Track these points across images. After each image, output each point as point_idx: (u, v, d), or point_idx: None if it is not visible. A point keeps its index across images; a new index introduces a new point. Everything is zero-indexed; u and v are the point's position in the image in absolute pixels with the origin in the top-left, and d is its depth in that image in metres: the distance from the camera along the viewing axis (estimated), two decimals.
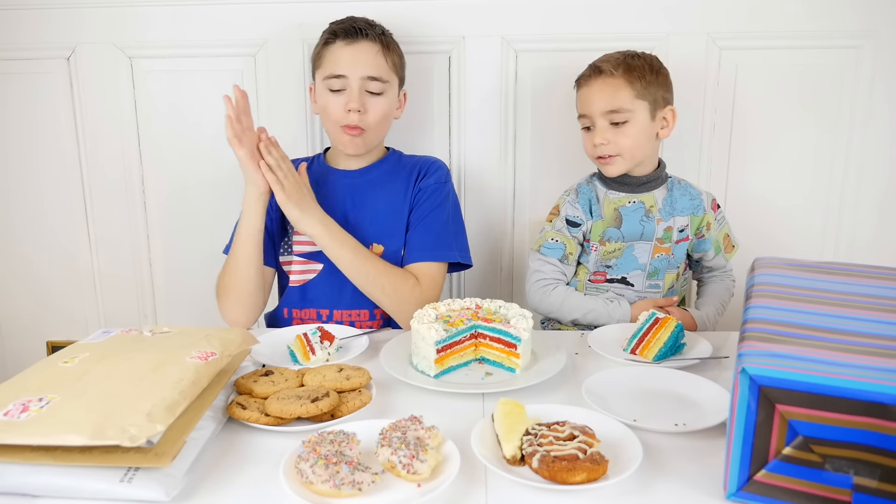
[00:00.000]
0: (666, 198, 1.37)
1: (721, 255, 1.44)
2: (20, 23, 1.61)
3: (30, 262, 1.75)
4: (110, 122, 1.66)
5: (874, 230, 1.62)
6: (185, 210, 1.70)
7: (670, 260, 1.37)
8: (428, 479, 0.73)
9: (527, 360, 1.04)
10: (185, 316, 1.75)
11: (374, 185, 1.40)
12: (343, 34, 1.34)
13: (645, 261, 1.37)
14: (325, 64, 1.35)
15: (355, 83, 1.32)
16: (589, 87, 1.34)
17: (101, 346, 0.93)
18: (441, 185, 1.39)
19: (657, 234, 1.36)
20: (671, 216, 1.36)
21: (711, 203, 1.41)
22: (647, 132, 1.33)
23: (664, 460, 0.79)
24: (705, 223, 1.39)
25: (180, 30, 1.60)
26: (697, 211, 1.38)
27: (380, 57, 1.34)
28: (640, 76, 1.31)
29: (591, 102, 1.33)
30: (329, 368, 0.98)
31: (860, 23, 1.52)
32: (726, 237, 1.44)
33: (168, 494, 0.71)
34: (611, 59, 1.33)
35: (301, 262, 1.38)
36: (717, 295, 1.43)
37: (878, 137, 1.57)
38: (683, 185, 1.40)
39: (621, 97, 1.30)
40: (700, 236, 1.40)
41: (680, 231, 1.37)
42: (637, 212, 1.36)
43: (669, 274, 1.39)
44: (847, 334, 0.72)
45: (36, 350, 1.79)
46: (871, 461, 0.64)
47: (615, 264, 1.38)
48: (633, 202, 1.36)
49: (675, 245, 1.37)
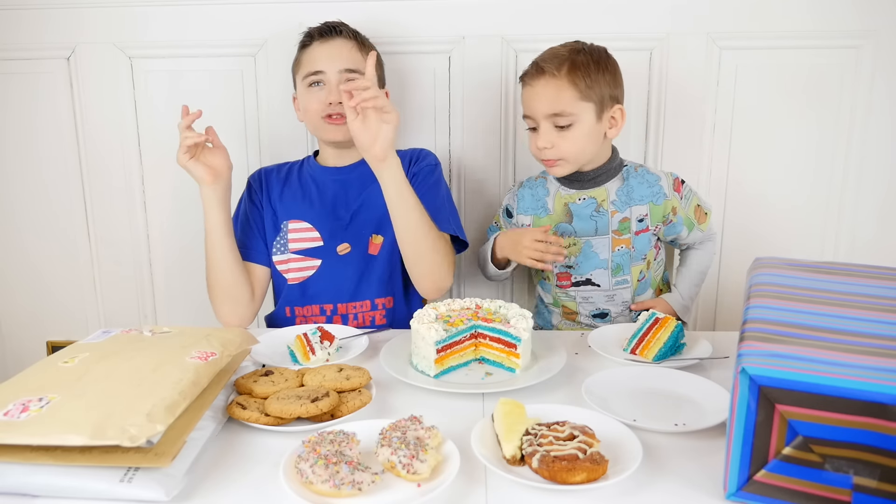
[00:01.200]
0: (621, 188, 1.33)
1: (696, 228, 1.38)
2: (20, 23, 1.61)
3: (30, 262, 1.75)
4: (110, 122, 1.66)
5: (874, 230, 1.62)
6: (185, 210, 1.70)
7: (632, 253, 1.34)
8: (428, 479, 0.73)
9: (527, 360, 1.04)
10: (185, 316, 1.75)
11: (367, 179, 1.39)
12: (318, 34, 1.37)
13: (606, 256, 1.34)
14: (303, 64, 1.37)
15: (333, 77, 1.33)
16: (532, 87, 1.28)
17: (101, 346, 0.93)
18: (433, 168, 1.41)
19: (612, 226, 1.32)
20: (627, 206, 1.32)
21: (674, 183, 1.34)
22: (593, 134, 1.28)
23: (664, 460, 0.79)
24: (670, 209, 1.33)
25: (180, 30, 1.60)
26: (657, 199, 1.31)
27: (355, 51, 1.36)
28: (585, 75, 1.24)
29: (534, 104, 1.28)
30: (329, 368, 0.98)
31: (860, 23, 1.52)
32: (697, 208, 1.37)
33: (168, 494, 0.71)
34: (555, 57, 1.26)
35: (298, 258, 1.38)
36: (693, 267, 1.41)
37: (879, 137, 1.57)
38: (640, 171, 1.34)
39: (565, 100, 1.24)
40: (668, 222, 1.34)
41: (639, 221, 1.32)
42: (587, 207, 1.33)
43: (635, 267, 1.35)
44: (847, 334, 0.72)
45: (36, 350, 1.79)
46: (870, 461, 0.64)
47: (576, 263, 1.35)
48: (584, 199, 1.33)
49: (635, 237, 1.33)
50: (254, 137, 1.65)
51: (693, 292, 1.39)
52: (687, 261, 1.44)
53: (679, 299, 1.38)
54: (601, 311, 1.38)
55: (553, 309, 1.43)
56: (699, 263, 1.42)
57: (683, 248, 1.46)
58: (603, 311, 1.38)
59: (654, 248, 1.37)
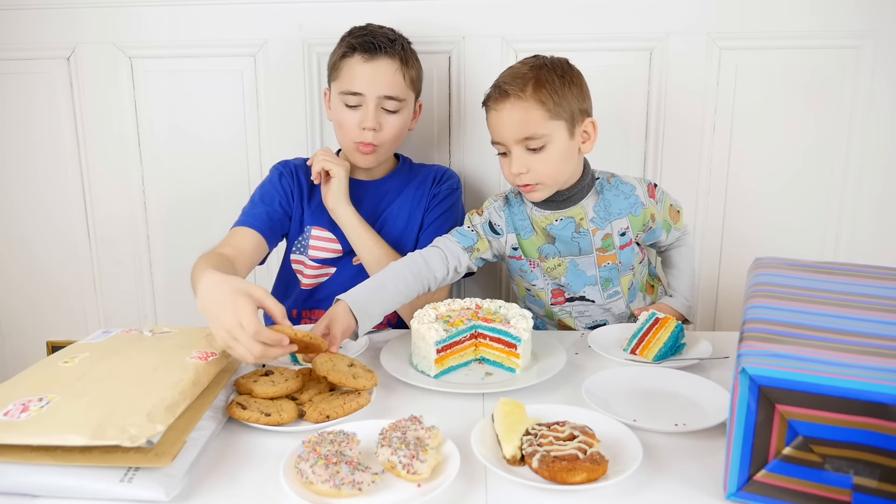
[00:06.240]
0: (597, 204, 1.25)
1: (673, 229, 1.33)
2: (19, 23, 1.61)
3: (30, 262, 1.75)
4: (110, 122, 1.66)
5: (874, 230, 1.62)
6: (185, 210, 1.70)
7: (619, 267, 1.28)
8: (428, 479, 0.73)
9: (527, 360, 1.04)
10: (185, 316, 1.74)
11: (390, 195, 1.41)
12: (362, 48, 1.29)
13: (593, 273, 1.28)
14: (342, 78, 1.31)
15: (372, 102, 1.29)
16: (498, 112, 1.18)
17: (101, 346, 0.93)
18: (453, 191, 1.43)
19: (595, 244, 1.25)
20: (607, 222, 1.24)
21: (648, 190, 1.27)
22: (567, 153, 1.19)
23: (664, 460, 0.79)
24: (649, 217, 1.27)
25: (180, 30, 1.60)
26: (636, 209, 1.25)
27: (398, 75, 1.31)
28: (552, 92, 1.15)
29: (502, 130, 1.18)
30: (342, 360, 0.97)
31: (860, 23, 1.52)
32: (670, 208, 1.32)
33: (168, 494, 0.71)
34: (517, 77, 1.17)
35: (315, 266, 1.39)
36: (681, 267, 1.38)
37: (878, 137, 1.57)
38: (614, 182, 1.27)
39: (534, 122, 1.15)
40: (648, 229, 1.29)
41: (621, 235, 1.25)
42: (567, 228, 1.24)
43: (624, 277, 1.30)
44: (847, 334, 0.72)
45: (36, 350, 1.79)
46: (871, 461, 0.64)
47: (566, 283, 1.30)
48: (560, 220, 1.24)
49: (620, 251, 1.26)
50: (253, 138, 1.65)
51: (691, 291, 1.38)
52: (673, 261, 1.40)
53: (682, 301, 1.35)
54: (598, 322, 1.34)
55: (548, 321, 1.40)
56: (685, 261, 1.39)
57: (662, 251, 1.42)
58: (600, 322, 1.34)
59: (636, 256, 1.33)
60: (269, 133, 1.65)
